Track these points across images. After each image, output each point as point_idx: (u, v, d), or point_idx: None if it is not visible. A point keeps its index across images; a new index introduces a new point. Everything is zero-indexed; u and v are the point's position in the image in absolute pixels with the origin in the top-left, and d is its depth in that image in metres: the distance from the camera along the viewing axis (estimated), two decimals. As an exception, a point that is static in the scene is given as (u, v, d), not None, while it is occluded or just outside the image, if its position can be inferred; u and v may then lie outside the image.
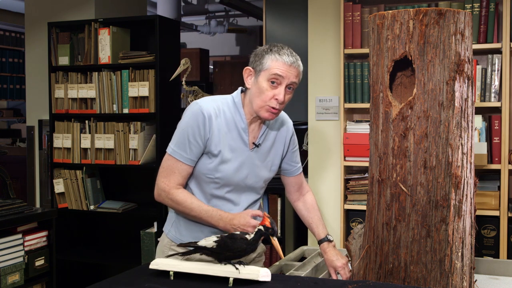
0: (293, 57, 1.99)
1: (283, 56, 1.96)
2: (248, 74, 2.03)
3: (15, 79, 7.07)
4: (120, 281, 1.75)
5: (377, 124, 1.77)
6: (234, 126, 2.03)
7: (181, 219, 2.11)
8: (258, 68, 1.99)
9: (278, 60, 1.96)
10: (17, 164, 5.10)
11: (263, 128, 2.09)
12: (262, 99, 1.97)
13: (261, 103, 1.98)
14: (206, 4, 9.07)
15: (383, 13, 1.73)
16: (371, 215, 1.80)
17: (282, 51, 1.98)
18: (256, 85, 1.99)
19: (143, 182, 4.19)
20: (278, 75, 1.95)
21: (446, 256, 1.67)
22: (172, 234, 2.13)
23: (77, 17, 4.35)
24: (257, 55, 2.02)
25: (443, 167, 1.67)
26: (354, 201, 3.38)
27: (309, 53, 3.66)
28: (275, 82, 1.96)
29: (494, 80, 3.13)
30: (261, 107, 1.98)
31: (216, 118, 2.00)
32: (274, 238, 1.77)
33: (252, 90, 2.01)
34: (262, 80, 1.97)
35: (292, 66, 1.97)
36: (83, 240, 4.33)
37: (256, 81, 1.99)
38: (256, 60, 2.01)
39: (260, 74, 1.98)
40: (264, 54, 1.99)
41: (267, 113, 1.99)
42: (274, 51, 1.98)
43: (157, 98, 3.81)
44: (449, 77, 1.67)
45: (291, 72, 1.97)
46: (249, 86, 2.03)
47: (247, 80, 2.03)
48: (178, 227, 2.11)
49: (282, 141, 2.17)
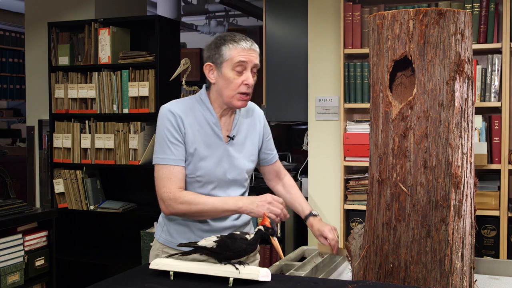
0: (249, 41, 2.02)
1: (240, 42, 1.99)
2: (209, 69, 2.04)
3: (15, 79, 7.07)
4: (120, 281, 1.75)
5: (377, 124, 1.77)
6: (206, 122, 2.05)
7: (170, 223, 2.12)
8: (219, 60, 2.00)
9: (237, 47, 1.98)
10: (17, 164, 5.10)
11: (235, 119, 2.11)
12: (231, 89, 2.00)
13: (231, 93, 2.01)
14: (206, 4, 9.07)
15: (383, 13, 1.73)
16: (371, 215, 1.80)
17: (236, 38, 2.00)
18: (222, 77, 2.01)
19: (143, 182, 4.19)
20: (242, 61, 1.98)
21: (446, 256, 1.67)
22: (164, 238, 2.13)
23: (77, 17, 4.35)
24: (212, 48, 2.03)
25: (443, 167, 1.67)
26: (354, 201, 3.38)
27: (309, 53, 3.66)
28: (240, 69, 1.99)
29: (494, 80, 3.13)
30: (232, 97, 2.01)
31: (186, 117, 2.02)
32: (274, 238, 1.77)
33: (218, 84, 2.03)
34: (227, 71, 1.99)
35: (251, 49, 2.00)
36: (83, 240, 4.33)
37: (220, 74, 2.01)
38: (213, 54, 2.02)
39: (222, 65, 2.00)
40: (220, 46, 2.00)
41: (239, 102, 2.02)
42: (229, 40, 2.00)
43: (157, 98, 3.81)
44: (449, 77, 1.67)
45: (252, 55, 2.01)
46: (213, 81, 2.04)
47: (210, 75, 2.04)
48: (168, 231, 2.12)
49: (256, 129, 2.19)
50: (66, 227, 4.15)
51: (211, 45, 2.05)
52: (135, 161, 3.87)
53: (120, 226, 4.31)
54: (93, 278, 4.21)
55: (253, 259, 2.25)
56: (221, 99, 2.04)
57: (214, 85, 2.05)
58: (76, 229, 4.27)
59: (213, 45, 2.04)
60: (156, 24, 3.85)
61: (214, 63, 2.02)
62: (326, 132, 3.62)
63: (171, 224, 2.11)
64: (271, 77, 3.88)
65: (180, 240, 2.05)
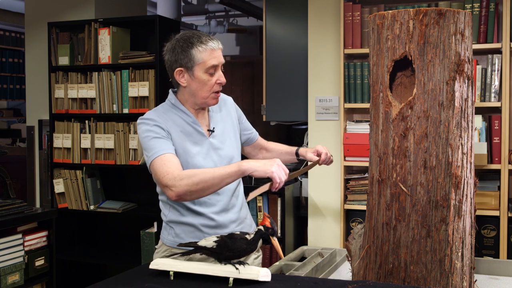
0: (214, 40, 2.03)
1: (208, 43, 2.00)
2: (180, 74, 2.04)
3: (15, 79, 7.06)
4: (120, 281, 1.75)
5: (377, 124, 1.77)
6: (185, 123, 2.07)
7: (176, 225, 2.11)
8: (189, 64, 2.00)
9: (206, 49, 1.99)
10: (17, 164, 5.10)
11: (210, 114, 2.15)
12: (206, 90, 2.03)
13: (206, 94, 2.03)
14: (206, 4, 9.06)
15: (383, 13, 1.74)
16: (371, 215, 1.80)
17: (203, 39, 2.00)
18: (195, 80, 2.02)
19: (143, 182, 4.19)
20: (215, 65, 2.01)
21: (446, 256, 1.67)
22: (171, 240, 2.13)
23: (77, 17, 4.35)
24: (178, 52, 2.02)
25: (443, 167, 1.67)
26: (354, 201, 3.38)
27: (309, 53, 3.66)
28: (213, 71, 2.01)
29: (494, 80, 3.13)
30: (207, 96, 2.04)
31: (164, 121, 2.03)
32: (274, 238, 1.77)
33: (191, 87, 2.04)
34: (200, 74, 2.01)
35: (218, 49, 2.03)
36: (83, 240, 4.33)
37: (192, 77, 2.02)
38: (182, 58, 2.01)
39: (194, 69, 2.01)
40: (188, 49, 2.00)
41: (214, 100, 2.06)
42: (196, 42, 2.00)
43: (157, 98, 3.80)
44: (449, 77, 1.67)
45: (220, 54, 2.03)
46: (184, 84, 2.05)
47: (181, 80, 2.04)
48: (175, 232, 2.11)
49: (231, 116, 2.23)
50: (66, 227, 4.15)
51: (175, 49, 2.03)
52: (135, 161, 3.87)
53: (120, 226, 4.31)
54: (93, 278, 4.21)
55: (257, 255, 2.27)
56: (194, 99, 2.06)
57: (185, 88, 2.06)
58: (76, 229, 4.27)
59: (179, 48, 2.02)
60: (156, 24, 3.85)
61: (183, 67, 2.02)
62: (326, 132, 3.62)
63: (177, 225, 2.11)
64: (271, 77, 3.88)
65: (189, 239, 2.06)
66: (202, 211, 2.08)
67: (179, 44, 2.03)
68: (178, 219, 2.11)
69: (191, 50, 1.99)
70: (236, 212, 2.15)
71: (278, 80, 3.88)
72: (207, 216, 2.08)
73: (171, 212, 2.13)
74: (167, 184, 1.91)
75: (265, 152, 2.40)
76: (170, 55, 2.05)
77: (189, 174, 1.90)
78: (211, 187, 1.90)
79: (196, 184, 1.88)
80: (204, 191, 1.90)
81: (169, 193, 1.91)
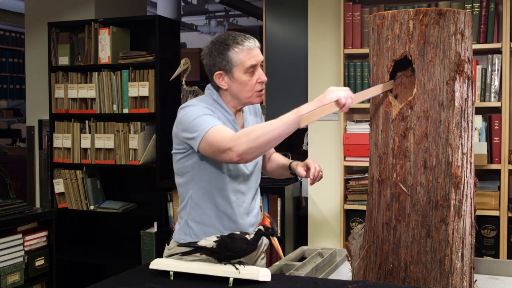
0: (251, 39, 2.01)
1: (245, 43, 1.98)
2: (219, 78, 2.01)
3: (15, 79, 7.06)
4: (120, 281, 1.75)
5: (377, 124, 1.77)
6: (226, 120, 2.05)
7: (197, 225, 2.05)
8: (228, 67, 1.98)
9: (243, 50, 1.97)
10: (17, 164, 5.10)
11: (244, 116, 2.14)
12: (249, 90, 2.00)
13: (249, 92, 2.01)
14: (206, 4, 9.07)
15: (383, 13, 1.73)
16: (371, 215, 1.80)
17: (239, 39, 1.98)
18: (235, 82, 2.00)
19: (143, 182, 4.19)
20: (254, 65, 1.98)
21: (446, 256, 1.67)
22: (189, 241, 2.05)
23: (77, 17, 4.35)
24: (215, 56, 2.00)
25: (443, 167, 1.67)
26: (354, 201, 3.38)
27: (309, 53, 3.66)
28: (252, 70, 1.99)
29: (494, 80, 3.13)
30: (250, 96, 2.02)
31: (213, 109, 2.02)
32: (274, 238, 1.77)
33: (232, 88, 2.01)
34: (239, 75, 1.98)
35: (255, 47, 2.00)
36: (83, 240, 4.33)
37: (232, 79, 2.00)
38: (220, 61, 1.99)
39: (233, 71, 1.98)
40: (224, 52, 1.98)
41: (258, 98, 2.04)
42: (232, 43, 1.97)
43: (157, 98, 3.81)
44: (449, 77, 1.67)
45: (257, 52, 2.01)
46: (225, 87, 2.02)
47: (221, 83, 2.02)
48: (195, 233, 2.05)
49: (257, 119, 2.22)
50: (66, 227, 4.15)
51: (212, 53, 2.01)
52: (135, 161, 3.87)
53: (120, 226, 4.31)
54: (93, 278, 4.21)
55: (263, 256, 2.25)
56: (237, 101, 2.04)
57: (226, 91, 2.03)
58: (76, 229, 4.27)
59: (216, 52, 2.00)
60: (156, 24, 3.85)
61: (222, 70, 2.00)
62: (326, 132, 3.62)
63: (199, 226, 2.05)
64: (271, 77, 3.88)
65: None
66: (228, 212, 2.04)
67: (215, 47, 2.00)
68: (201, 219, 2.05)
69: (227, 52, 1.97)
70: (254, 215, 2.14)
71: (278, 80, 3.88)
72: (230, 218, 2.05)
73: (195, 211, 2.06)
74: (227, 146, 1.83)
75: (267, 161, 2.32)
76: (208, 59, 2.03)
77: (246, 131, 1.85)
78: (271, 141, 1.82)
79: (255, 139, 1.81)
80: (264, 146, 1.83)
81: (231, 155, 1.83)
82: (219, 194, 2.03)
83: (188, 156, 2.02)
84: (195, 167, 2.02)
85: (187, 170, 2.04)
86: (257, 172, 2.16)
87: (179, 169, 2.07)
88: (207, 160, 2.00)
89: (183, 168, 2.05)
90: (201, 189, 2.03)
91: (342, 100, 1.72)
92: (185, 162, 2.03)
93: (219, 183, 2.02)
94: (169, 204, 3.77)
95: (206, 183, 2.02)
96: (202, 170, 2.01)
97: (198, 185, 2.03)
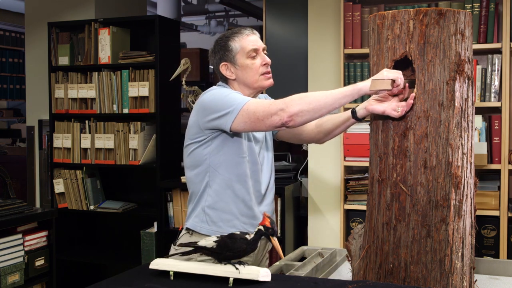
0: (248, 29, 2.10)
1: (243, 31, 2.08)
2: (225, 69, 2.09)
3: (15, 79, 7.06)
4: (120, 281, 1.75)
5: (377, 124, 1.77)
6: None
7: (214, 212, 2.07)
8: (230, 57, 2.07)
9: (242, 37, 2.07)
10: (17, 164, 5.10)
11: None
12: (254, 72, 2.06)
13: (255, 76, 2.07)
14: (206, 4, 9.07)
15: (383, 13, 1.73)
16: (371, 215, 1.80)
17: (236, 30, 2.08)
18: (240, 69, 2.07)
19: (143, 182, 4.19)
20: (254, 48, 2.06)
21: (446, 256, 1.67)
22: (207, 228, 2.08)
23: (77, 17, 4.35)
24: (218, 51, 2.10)
25: (443, 167, 1.67)
26: (354, 201, 3.38)
27: (309, 53, 3.66)
28: (254, 54, 2.06)
29: (494, 80, 3.13)
30: (257, 79, 2.08)
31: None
32: (274, 238, 1.77)
33: (239, 76, 2.08)
34: (242, 61, 2.06)
35: (254, 34, 2.09)
36: (83, 240, 4.33)
37: (237, 66, 2.07)
38: (223, 54, 2.08)
39: (235, 58, 2.07)
40: (226, 43, 2.08)
41: (266, 81, 2.10)
42: (232, 34, 2.08)
43: (157, 98, 3.81)
44: (449, 77, 1.67)
45: (256, 38, 2.09)
46: (233, 77, 2.09)
47: (227, 74, 2.09)
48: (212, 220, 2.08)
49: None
50: (66, 227, 4.15)
51: (215, 49, 2.11)
52: (135, 161, 3.87)
53: (120, 226, 4.31)
54: (93, 278, 4.21)
55: (267, 257, 2.29)
56: (247, 88, 2.09)
57: (234, 81, 2.10)
58: (76, 229, 4.27)
59: (218, 47, 2.10)
60: (156, 24, 3.85)
61: (226, 60, 2.08)
62: (326, 132, 3.61)
63: (216, 212, 2.08)
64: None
65: (226, 229, 2.03)
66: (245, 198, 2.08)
67: (218, 43, 2.11)
68: (218, 205, 2.08)
69: (228, 43, 2.07)
70: (267, 205, 2.18)
71: (278, 80, 3.87)
72: (247, 204, 2.09)
73: (212, 198, 2.08)
74: (279, 107, 1.84)
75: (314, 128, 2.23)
76: (214, 56, 2.13)
77: (300, 95, 1.85)
78: (324, 107, 1.81)
79: (309, 103, 1.81)
80: (316, 111, 1.82)
81: (282, 115, 1.83)
82: (236, 180, 2.07)
83: (206, 144, 2.05)
84: (212, 154, 2.05)
85: (203, 158, 2.07)
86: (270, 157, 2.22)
87: (194, 161, 2.09)
88: (224, 146, 2.04)
89: (198, 157, 2.07)
90: (219, 176, 2.06)
91: (399, 80, 1.68)
92: (202, 150, 2.06)
93: (237, 169, 2.06)
94: (169, 204, 3.77)
95: (223, 169, 2.06)
96: (220, 157, 2.05)
97: (215, 172, 2.06)
